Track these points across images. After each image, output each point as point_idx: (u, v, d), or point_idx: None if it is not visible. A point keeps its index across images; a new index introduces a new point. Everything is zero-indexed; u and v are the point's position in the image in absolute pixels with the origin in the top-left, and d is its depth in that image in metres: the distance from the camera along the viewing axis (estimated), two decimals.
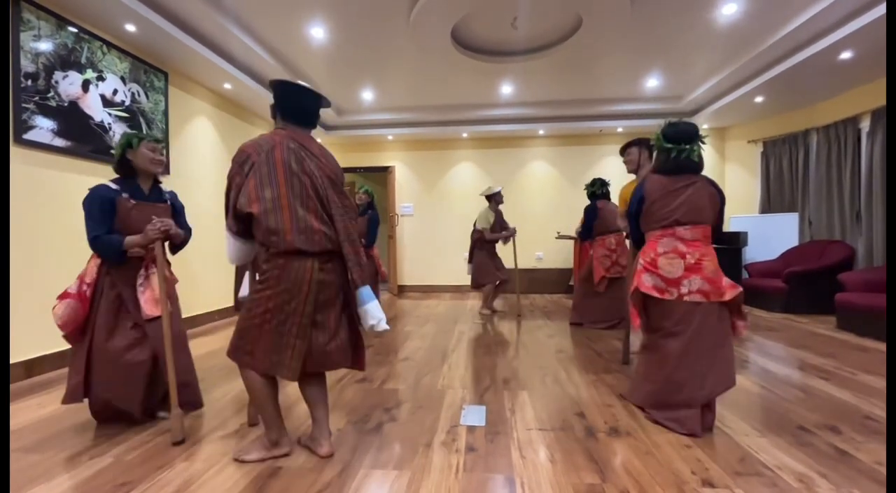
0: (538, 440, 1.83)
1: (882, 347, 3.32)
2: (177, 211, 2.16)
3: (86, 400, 1.98)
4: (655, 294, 1.95)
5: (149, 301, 1.97)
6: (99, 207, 1.90)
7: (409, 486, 1.49)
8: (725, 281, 1.93)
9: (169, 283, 2.08)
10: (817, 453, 1.69)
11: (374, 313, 1.60)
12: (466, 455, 1.70)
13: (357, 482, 1.53)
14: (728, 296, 1.89)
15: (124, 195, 1.95)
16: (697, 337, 1.89)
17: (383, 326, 1.62)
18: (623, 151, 3.26)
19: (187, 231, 2.18)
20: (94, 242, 1.90)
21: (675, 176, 1.99)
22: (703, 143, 2.02)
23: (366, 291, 1.61)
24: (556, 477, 1.54)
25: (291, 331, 1.56)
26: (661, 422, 1.95)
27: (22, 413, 2.18)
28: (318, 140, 6.87)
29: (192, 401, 2.15)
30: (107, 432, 1.94)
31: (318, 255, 1.58)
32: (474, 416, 2.08)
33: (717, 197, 2.01)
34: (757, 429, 1.90)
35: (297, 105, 1.66)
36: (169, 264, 2.17)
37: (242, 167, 1.54)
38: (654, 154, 2.09)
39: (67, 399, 1.95)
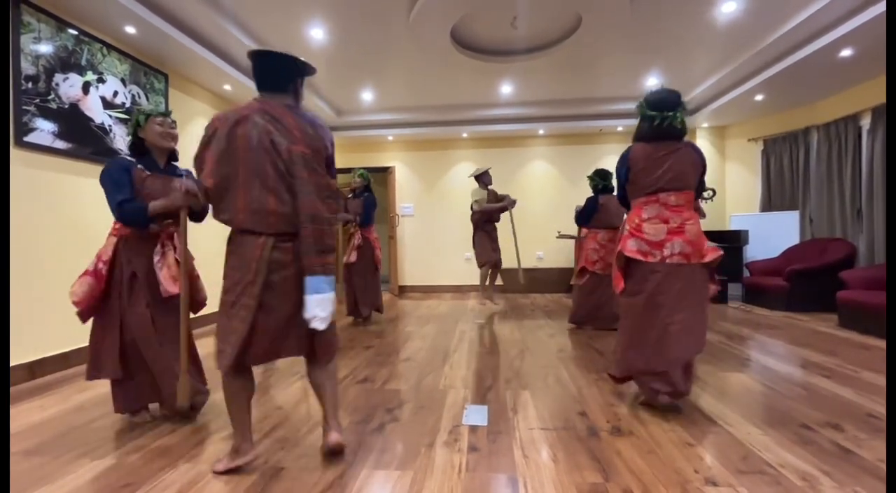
0: (540, 439, 1.83)
1: (884, 344, 3.31)
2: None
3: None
4: (639, 257, 2.01)
5: (167, 278, 1.97)
6: (118, 174, 1.90)
7: (411, 486, 1.49)
8: (707, 244, 2.03)
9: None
10: (820, 451, 1.69)
11: (312, 307, 1.46)
12: (469, 455, 1.70)
13: (360, 482, 1.52)
14: (708, 257, 1.99)
15: (139, 166, 1.97)
16: (680, 298, 1.96)
17: (317, 325, 1.48)
18: None
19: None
20: (119, 206, 1.87)
21: (658, 143, 2.03)
22: (685, 109, 2.06)
23: (314, 280, 1.47)
24: (559, 477, 1.53)
25: (238, 314, 1.45)
26: (650, 385, 2.02)
27: (24, 415, 2.18)
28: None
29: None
30: (109, 433, 1.94)
31: (276, 234, 1.49)
32: (476, 416, 2.08)
33: (700, 162, 2.06)
34: (759, 427, 1.90)
35: (262, 69, 1.58)
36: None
37: (209, 141, 1.47)
38: (638, 122, 2.12)
39: (91, 375, 1.99)
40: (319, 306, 1.47)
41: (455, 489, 1.47)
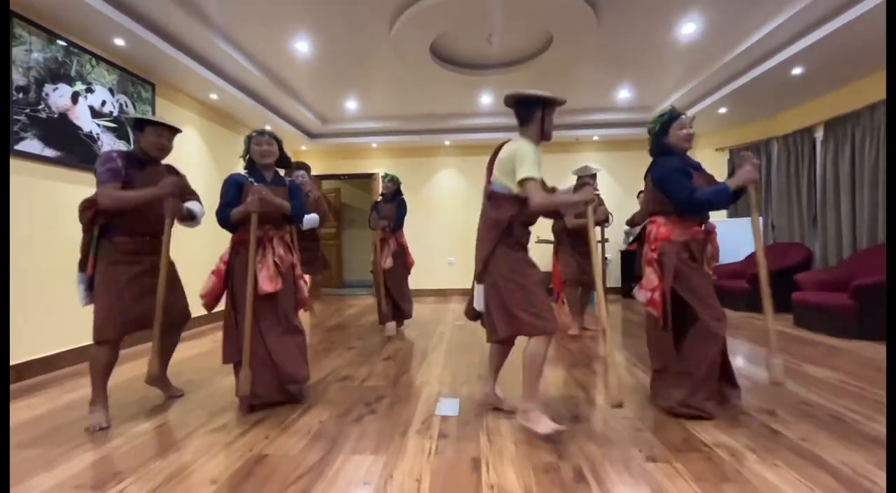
0: (505, 427, 2.00)
1: (831, 341, 3.58)
2: (292, 194, 2.39)
3: None
4: None
5: (264, 278, 2.20)
6: (226, 187, 2.25)
7: (384, 468, 1.65)
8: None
9: (283, 262, 2.29)
10: (752, 432, 1.89)
11: None
12: (439, 441, 1.86)
13: (337, 465, 1.67)
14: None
15: (250, 180, 2.29)
16: None
17: None
18: None
19: (299, 210, 2.38)
20: (217, 211, 2.22)
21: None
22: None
23: None
24: (518, 458, 1.70)
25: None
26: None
27: (15, 414, 2.26)
28: (303, 147, 7.02)
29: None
30: (100, 429, 2.05)
31: None
32: (448, 407, 2.24)
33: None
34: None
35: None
36: (290, 245, 2.40)
37: None
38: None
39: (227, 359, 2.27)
40: None
41: (424, 470, 1.63)
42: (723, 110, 5.40)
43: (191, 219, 2.29)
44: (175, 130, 2.30)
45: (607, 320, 1.90)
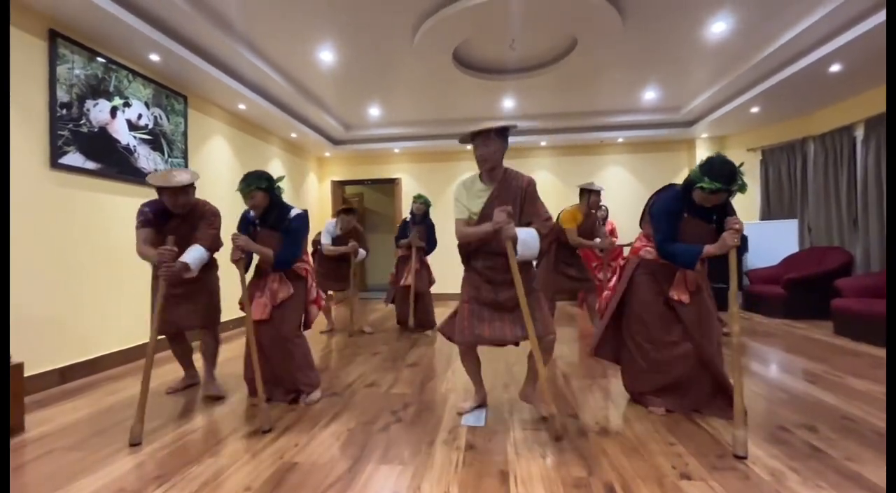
0: (533, 439, 1.98)
1: (875, 351, 3.40)
2: (284, 232, 2.48)
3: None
4: None
5: (257, 306, 2.45)
6: (243, 225, 2.53)
7: (412, 479, 1.65)
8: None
9: (275, 296, 2.48)
10: (792, 449, 1.82)
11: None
12: (466, 453, 1.85)
13: (366, 476, 1.69)
14: None
15: (256, 222, 2.52)
16: None
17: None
18: None
19: (281, 250, 2.43)
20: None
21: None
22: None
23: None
24: (547, 472, 1.68)
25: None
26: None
27: (59, 416, 2.37)
28: (327, 154, 7.14)
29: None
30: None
31: None
32: (475, 417, 2.23)
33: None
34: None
35: None
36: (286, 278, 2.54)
37: None
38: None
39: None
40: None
41: (451, 483, 1.63)
42: (755, 109, 5.22)
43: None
44: (187, 187, 2.45)
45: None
